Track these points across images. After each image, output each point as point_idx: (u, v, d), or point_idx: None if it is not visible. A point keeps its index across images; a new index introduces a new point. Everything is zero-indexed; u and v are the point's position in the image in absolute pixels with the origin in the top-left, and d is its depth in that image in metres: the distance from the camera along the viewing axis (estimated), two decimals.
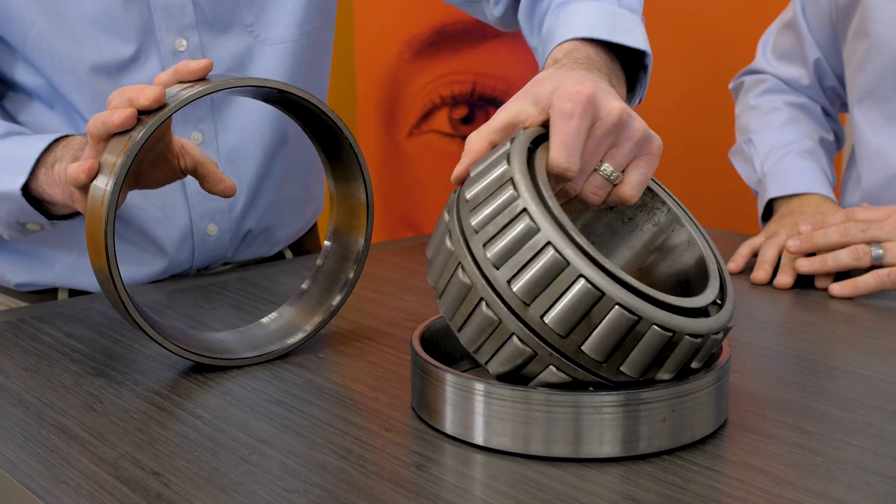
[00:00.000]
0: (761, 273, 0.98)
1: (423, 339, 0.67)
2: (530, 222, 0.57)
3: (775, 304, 0.94)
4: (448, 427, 0.62)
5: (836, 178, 1.21)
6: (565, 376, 0.58)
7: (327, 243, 0.80)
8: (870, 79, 1.13)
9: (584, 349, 0.57)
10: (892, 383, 0.72)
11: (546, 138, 0.64)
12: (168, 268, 0.99)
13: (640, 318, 0.56)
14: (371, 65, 2.03)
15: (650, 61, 0.83)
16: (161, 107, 0.68)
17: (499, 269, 0.58)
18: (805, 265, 0.95)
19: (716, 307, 0.63)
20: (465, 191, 0.61)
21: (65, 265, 0.97)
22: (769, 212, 1.15)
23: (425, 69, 1.11)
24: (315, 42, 1.02)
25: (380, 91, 2.06)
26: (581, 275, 0.56)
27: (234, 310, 0.89)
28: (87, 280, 0.97)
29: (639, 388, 0.59)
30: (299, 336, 0.77)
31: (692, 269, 0.66)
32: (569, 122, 0.62)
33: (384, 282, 0.97)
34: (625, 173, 0.65)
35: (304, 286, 0.80)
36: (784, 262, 0.98)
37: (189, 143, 0.79)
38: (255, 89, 0.71)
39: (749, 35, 1.55)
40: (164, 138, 0.76)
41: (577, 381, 0.58)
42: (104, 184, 0.67)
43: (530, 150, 0.62)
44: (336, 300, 0.78)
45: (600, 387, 0.59)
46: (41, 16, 0.89)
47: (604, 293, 0.56)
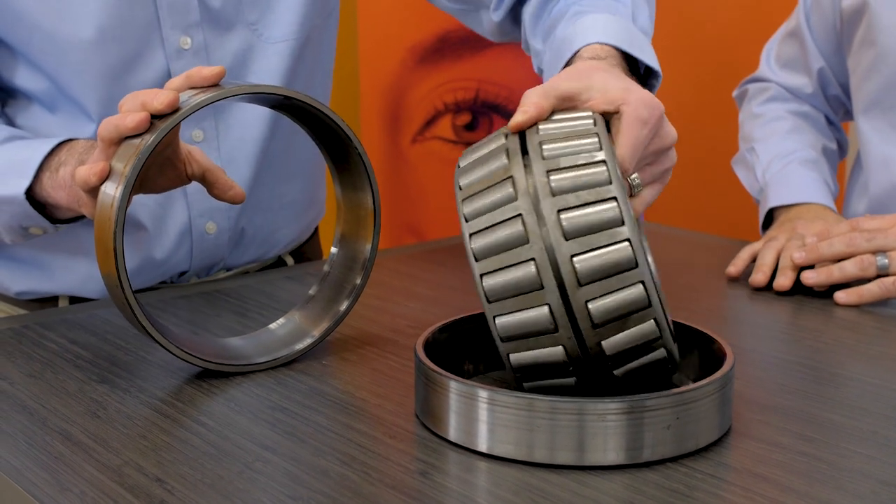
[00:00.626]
0: (760, 276, 0.98)
1: (427, 345, 0.67)
2: (617, 213, 0.58)
3: (778, 311, 0.94)
4: (452, 434, 0.62)
5: (838, 187, 1.21)
6: (564, 360, 0.59)
7: (334, 250, 0.80)
8: (876, 88, 1.13)
9: (604, 345, 0.59)
10: None
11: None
12: (165, 269, 0.99)
13: (659, 337, 0.59)
14: (374, 71, 2.03)
15: (658, 83, 0.85)
16: (173, 111, 0.68)
17: (567, 242, 0.57)
18: (811, 277, 0.94)
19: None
20: (547, 143, 0.60)
21: (66, 272, 0.97)
22: (769, 221, 1.15)
23: (429, 76, 1.12)
24: (317, 41, 1.02)
25: (383, 98, 2.06)
26: (642, 281, 0.57)
27: (237, 316, 0.89)
28: (89, 287, 0.97)
29: (642, 395, 0.59)
30: (307, 342, 0.77)
31: None
32: (642, 128, 0.66)
33: (388, 289, 0.97)
34: (642, 188, 0.69)
35: (311, 292, 0.80)
36: (782, 264, 0.98)
37: (196, 149, 0.80)
38: (264, 96, 0.71)
39: (754, 43, 1.55)
40: (172, 144, 0.76)
41: (560, 368, 0.59)
42: (113, 189, 0.68)
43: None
44: (343, 306, 0.78)
45: (581, 379, 0.60)
46: (46, 17, 0.89)
47: (651, 304, 0.58)
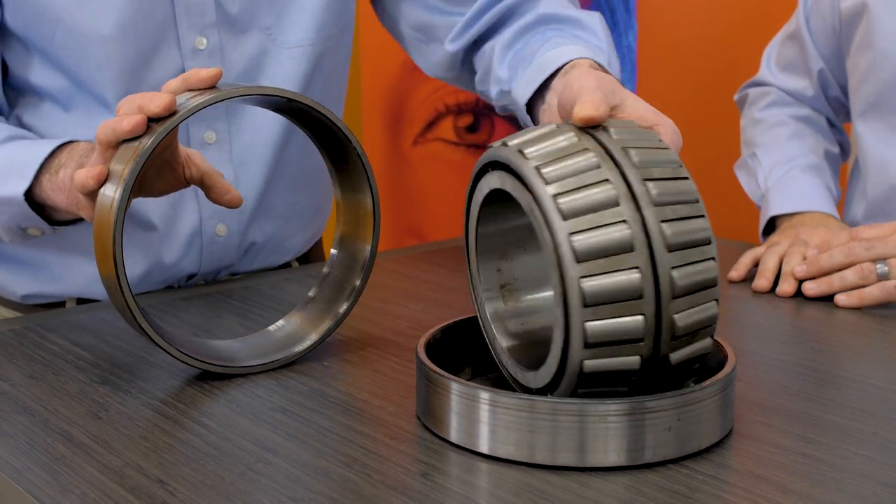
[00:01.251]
0: (763, 281, 0.98)
1: (428, 347, 0.67)
2: (709, 232, 0.60)
3: (780, 313, 0.94)
4: (453, 436, 0.62)
5: (840, 191, 1.21)
6: (636, 370, 0.59)
7: (333, 251, 0.80)
8: (874, 91, 1.13)
9: (672, 357, 0.59)
10: None
11: None
12: (174, 271, 0.99)
13: (709, 353, 0.62)
14: (376, 73, 2.03)
15: None
16: (171, 114, 0.68)
17: (669, 253, 0.58)
18: (812, 288, 0.94)
19: None
20: (631, 149, 0.60)
21: (72, 273, 0.97)
22: (770, 227, 1.15)
23: (430, 78, 1.12)
24: (332, 50, 1.02)
25: (385, 99, 2.06)
26: (717, 299, 0.61)
27: (238, 318, 0.89)
28: (95, 289, 0.97)
29: (643, 396, 0.59)
30: (306, 344, 0.77)
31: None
32: (674, 136, 0.70)
33: (389, 290, 0.97)
34: None
35: (311, 294, 0.80)
36: (785, 270, 0.98)
37: (195, 152, 0.80)
38: (263, 98, 0.71)
39: (755, 46, 1.55)
40: (171, 147, 0.76)
41: (624, 377, 0.59)
42: (112, 191, 0.67)
43: None
44: (343, 308, 0.78)
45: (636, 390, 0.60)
46: (68, 11, 0.89)
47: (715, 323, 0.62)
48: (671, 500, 0.55)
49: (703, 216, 0.60)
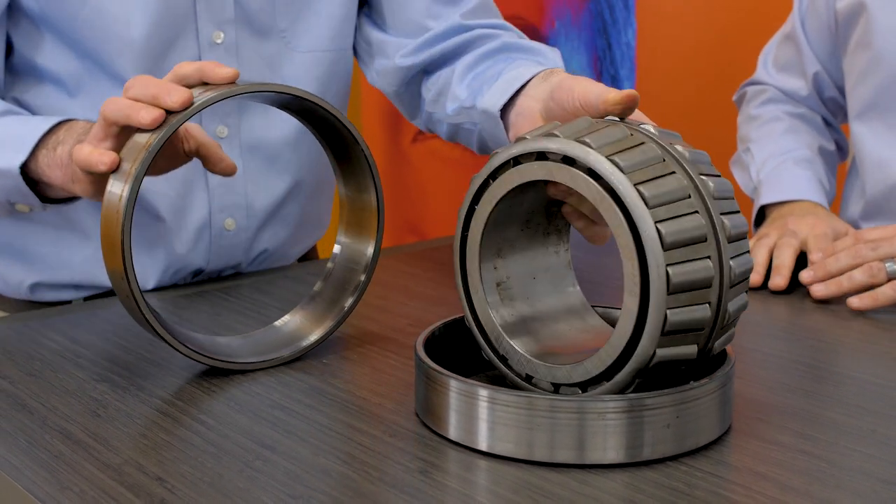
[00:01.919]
0: (755, 276, 0.98)
1: (427, 344, 0.67)
2: (746, 225, 0.63)
3: (778, 309, 0.94)
4: (452, 433, 0.62)
5: (834, 187, 1.21)
6: (691, 359, 0.61)
7: (337, 248, 0.81)
8: (872, 91, 1.13)
9: (716, 345, 0.62)
10: None
11: None
12: (182, 265, 0.99)
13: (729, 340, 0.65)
14: None
15: None
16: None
17: (729, 244, 0.60)
18: (820, 290, 0.93)
19: None
20: (676, 145, 0.62)
21: (83, 260, 0.98)
22: (761, 218, 1.15)
23: None
24: (343, 58, 1.05)
25: (384, 97, 2.06)
26: (748, 290, 0.65)
27: (236, 315, 0.89)
28: (103, 275, 0.97)
29: (641, 393, 0.59)
30: (312, 339, 0.77)
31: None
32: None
33: (388, 287, 0.97)
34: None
35: (316, 289, 0.81)
36: (776, 263, 0.98)
37: (193, 125, 0.80)
38: (272, 95, 0.72)
39: (753, 44, 1.55)
40: None
41: (676, 366, 0.61)
42: (120, 189, 0.68)
43: None
44: (348, 303, 0.79)
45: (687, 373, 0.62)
46: None
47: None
48: (670, 498, 0.55)
49: (738, 211, 0.63)
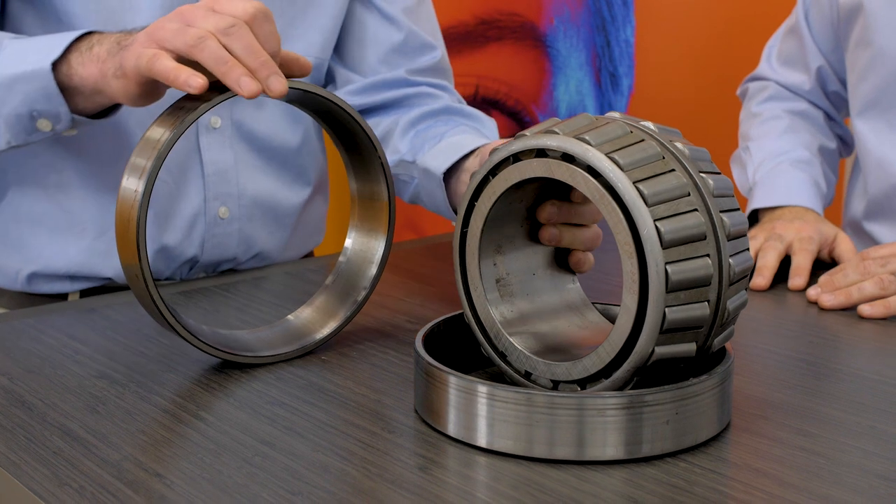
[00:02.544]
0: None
1: (426, 341, 0.67)
2: (747, 223, 0.66)
3: (777, 306, 0.94)
4: (451, 429, 0.62)
5: (834, 185, 1.21)
6: (690, 357, 0.61)
7: (348, 242, 0.82)
8: (873, 89, 1.13)
9: (714, 342, 0.61)
10: (895, 386, 0.72)
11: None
12: (176, 254, 1.00)
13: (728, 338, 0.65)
14: None
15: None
16: (194, 108, 0.69)
17: (729, 242, 0.60)
18: (829, 300, 0.92)
19: None
20: (676, 142, 0.62)
21: (79, 251, 0.98)
22: (753, 220, 1.15)
23: None
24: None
25: None
26: (747, 287, 0.65)
27: (236, 311, 0.89)
28: (102, 264, 0.98)
29: (641, 390, 0.59)
30: (324, 333, 0.78)
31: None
32: None
33: (387, 284, 0.97)
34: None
35: (328, 282, 0.81)
36: (759, 264, 0.99)
37: None
38: (292, 92, 0.72)
39: (753, 40, 1.55)
40: None
41: (675, 364, 0.61)
42: (135, 184, 0.68)
43: None
44: (360, 296, 0.80)
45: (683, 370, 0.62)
46: None
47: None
48: (669, 494, 0.55)
49: (738, 209, 0.63)
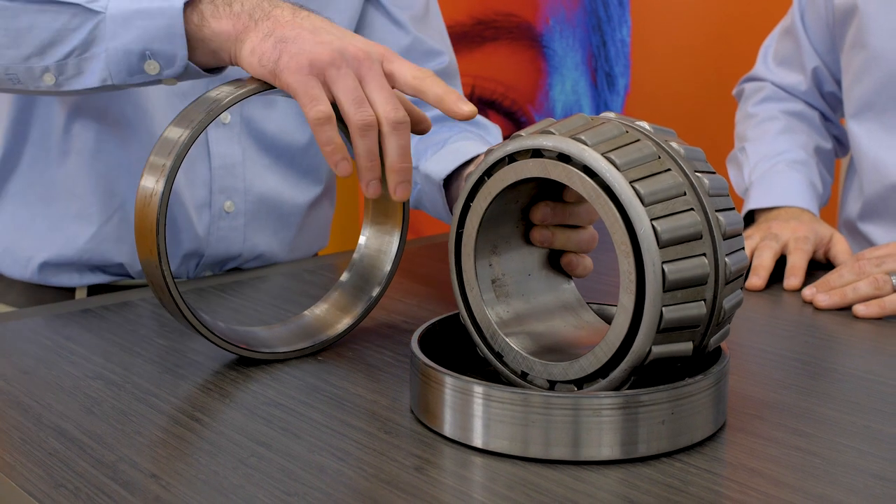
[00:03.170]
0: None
1: (422, 341, 0.67)
2: (742, 221, 0.65)
3: (773, 306, 0.94)
4: (447, 430, 0.62)
5: (830, 187, 1.22)
6: (687, 356, 0.61)
7: (363, 239, 0.82)
8: (867, 91, 1.13)
9: (711, 341, 0.62)
10: (890, 385, 0.72)
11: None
12: (181, 248, 1.00)
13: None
14: None
15: None
16: (210, 110, 0.70)
17: (725, 241, 0.61)
18: (824, 300, 0.92)
19: None
20: (672, 142, 0.62)
21: (88, 239, 0.98)
22: (749, 221, 1.15)
23: None
24: None
25: None
26: (743, 286, 0.66)
27: (232, 312, 0.89)
28: (113, 249, 0.99)
29: (636, 390, 0.59)
30: (339, 329, 0.79)
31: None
32: None
33: None
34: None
35: (343, 279, 0.82)
36: (755, 263, 0.99)
37: None
38: None
39: (748, 40, 1.55)
40: None
41: (671, 363, 0.61)
42: (154, 184, 0.69)
43: None
44: (375, 292, 0.80)
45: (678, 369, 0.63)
46: None
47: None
48: (665, 494, 0.55)
49: (733, 208, 0.63)
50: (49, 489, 0.57)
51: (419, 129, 0.74)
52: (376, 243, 0.82)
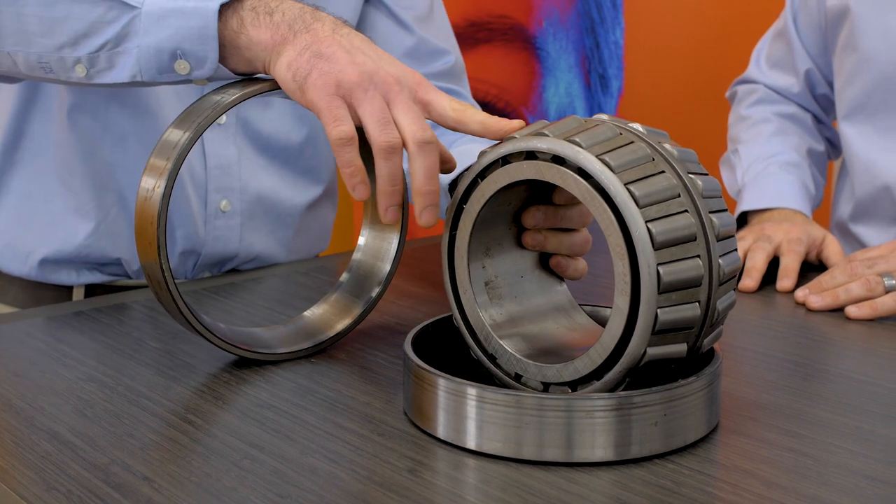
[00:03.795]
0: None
1: (416, 343, 0.67)
2: (735, 222, 0.66)
3: (765, 308, 0.94)
4: (440, 431, 0.62)
5: (822, 189, 1.22)
6: (681, 357, 0.61)
7: (362, 239, 0.83)
8: (859, 93, 1.14)
9: (704, 342, 0.62)
10: (881, 386, 0.73)
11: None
12: (178, 248, 1.00)
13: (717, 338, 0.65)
14: None
15: None
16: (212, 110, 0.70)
17: (718, 242, 0.61)
18: (816, 301, 0.92)
19: None
20: (665, 144, 0.62)
21: (87, 235, 0.98)
22: (742, 222, 1.16)
23: None
24: None
25: None
26: (735, 287, 0.66)
27: (224, 314, 0.89)
28: (111, 245, 0.99)
29: (629, 391, 0.59)
30: (339, 328, 0.79)
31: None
32: None
33: None
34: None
35: (343, 279, 0.83)
36: (748, 265, 0.99)
37: None
38: None
39: (741, 42, 1.56)
40: None
41: (666, 364, 0.61)
42: (154, 185, 0.69)
43: None
44: (374, 292, 0.81)
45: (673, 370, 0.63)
46: None
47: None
48: (657, 495, 0.55)
49: (725, 209, 0.63)
50: (41, 492, 0.56)
51: (445, 168, 0.71)
52: (376, 244, 0.82)
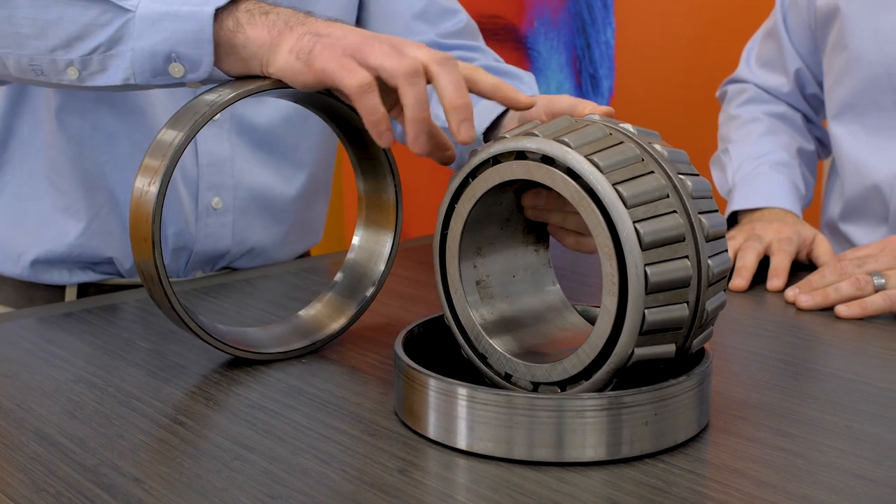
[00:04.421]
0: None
1: (406, 343, 0.67)
2: (725, 223, 0.65)
3: (756, 307, 0.94)
4: (431, 432, 0.62)
5: (812, 189, 1.22)
6: (670, 358, 0.61)
7: (356, 240, 0.83)
8: (849, 92, 1.14)
9: (694, 343, 0.62)
10: (872, 386, 0.73)
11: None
12: (170, 243, 1.00)
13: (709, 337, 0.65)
14: None
15: None
16: (208, 110, 0.70)
17: (707, 243, 0.61)
18: (806, 301, 0.92)
19: None
20: (655, 144, 0.62)
21: (78, 234, 0.98)
22: (733, 222, 1.16)
23: None
24: None
25: None
26: (726, 288, 0.66)
27: (216, 315, 0.89)
28: (103, 245, 0.99)
29: (620, 391, 0.59)
30: (333, 329, 0.79)
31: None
32: None
33: None
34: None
35: (337, 279, 0.83)
36: (739, 265, 1.00)
37: None
38: (290, 91, 0.72)
39: (732, 42, 1.56)
40: None
41: (654, 365, 0.61)
42: (149, 186, 0.69)
43: None
44: (369, 293, 0.81)
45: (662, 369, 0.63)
46: None
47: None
48: (648, 495, 0.56)
49: (716, 210, 0.63)
50: (30, 493, 0.56)
51: (444, 155, 0.70)
52: (370, 244, 0.82)
